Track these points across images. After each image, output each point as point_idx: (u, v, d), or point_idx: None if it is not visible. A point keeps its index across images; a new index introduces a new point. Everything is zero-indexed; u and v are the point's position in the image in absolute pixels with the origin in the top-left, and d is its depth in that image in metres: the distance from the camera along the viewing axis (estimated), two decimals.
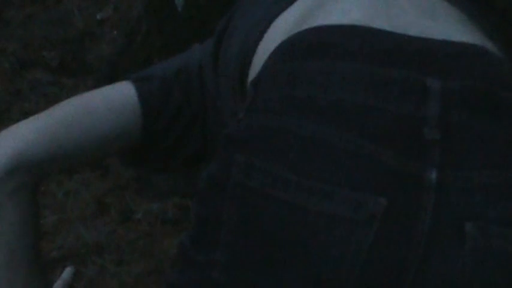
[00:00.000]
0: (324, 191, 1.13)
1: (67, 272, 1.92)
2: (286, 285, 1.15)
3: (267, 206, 1.15)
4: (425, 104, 1.16)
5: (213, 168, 1.24)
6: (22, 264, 1.44)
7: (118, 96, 1.50)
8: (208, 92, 1.51)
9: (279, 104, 1.19)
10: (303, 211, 1.13)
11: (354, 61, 1.20)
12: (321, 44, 1.23)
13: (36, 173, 1.45)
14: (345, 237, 1.12)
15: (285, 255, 1.14)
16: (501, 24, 1.58)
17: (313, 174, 1.13)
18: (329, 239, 1.12)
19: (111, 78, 2.65)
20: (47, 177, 1.50)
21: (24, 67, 2.78)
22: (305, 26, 1.28)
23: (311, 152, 1.14)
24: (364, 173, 1.13)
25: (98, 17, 2.88)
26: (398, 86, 1.17)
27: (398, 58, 1.20)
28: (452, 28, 1.30)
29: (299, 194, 1.13)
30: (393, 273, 1.13)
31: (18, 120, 1.50)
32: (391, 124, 1.14)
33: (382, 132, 1.14)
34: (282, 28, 1.34)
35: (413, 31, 1.25)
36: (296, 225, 1.13)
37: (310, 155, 1.14)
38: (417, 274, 1.13)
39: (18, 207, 1.43)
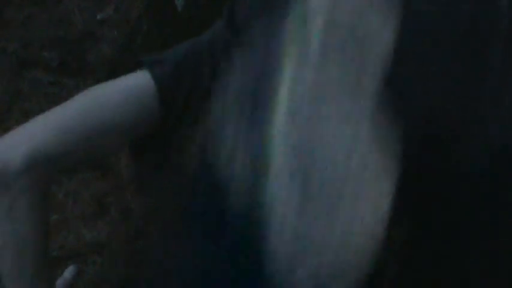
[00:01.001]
0: None
1: (69, 271, 1.92)
2: None
3: None
4: None
5: None
6: (30, 263, 1.45)
7: (132, 83, 1.50)
8: (222, 64, 1.51)
9: None
10: None
11: None
12: None
13: (51, 169, 1.45)
14: None
15: None
16: None
17: None
18: None
19: (111, 78, 2.66)
20: (62, 172, 1.50)
21: (25, 67, 2.78)
22: None
23: None
24: None
25: (98, 17, 2.88)
26: None
27: None
28: None
29: None
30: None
31: (18, 120, 1.51)
32: None
33: None
34: None
35: None
36: None
37: None
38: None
39: (31, 205, 1.43)
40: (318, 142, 1.26)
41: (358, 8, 1.30)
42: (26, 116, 2.64)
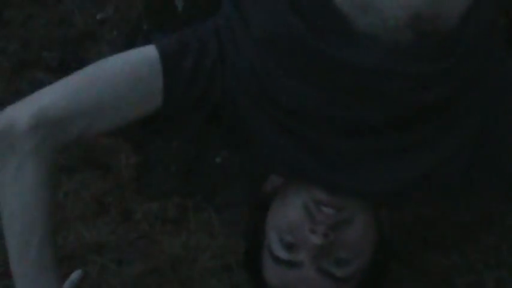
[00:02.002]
0: None
1: (75, 274, 1.93)
2: None
3: None
4: None
5: None
6: (36, 228, 1.45)
7: (137, 52, 1.53)
8: (229, 48, 1.52)
9: None
10: None
11: None
12: None
13: (57, 133, 1.46)
14: None
15: None
16: None
17: None
18: None
19: None
20: (68, 143, 1.49)
21: (24, 67, 2.78)
22: None
23: None
24: None
25: (98, 17, 2.88)
26: None
27: None
28: None
29: None
30: None
31: None
32: None
33: None
34: None
35: None
36: None
37: None
38: None
39: (39, 167, 1.44)
40: None
41: None
42: None
